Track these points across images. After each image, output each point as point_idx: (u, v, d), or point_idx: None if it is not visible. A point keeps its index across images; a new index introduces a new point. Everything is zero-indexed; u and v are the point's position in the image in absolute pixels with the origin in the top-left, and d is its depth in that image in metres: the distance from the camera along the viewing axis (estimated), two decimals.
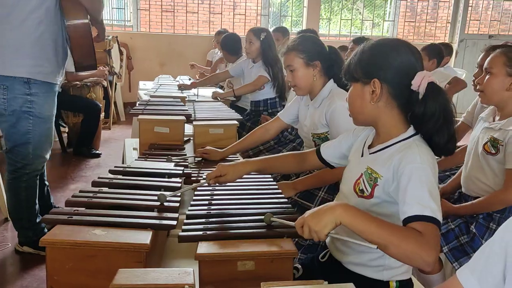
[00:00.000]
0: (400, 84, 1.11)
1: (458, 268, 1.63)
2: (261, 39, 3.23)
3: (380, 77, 1.11)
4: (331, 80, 1.90)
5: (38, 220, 2.36)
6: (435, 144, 1.10)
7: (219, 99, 3.41)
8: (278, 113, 2.19)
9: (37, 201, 2.38)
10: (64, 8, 2.13)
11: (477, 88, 1.75)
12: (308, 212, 1.02)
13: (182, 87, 3.61)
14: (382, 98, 1.12)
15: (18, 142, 2.18)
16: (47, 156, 2.36)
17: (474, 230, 1.71)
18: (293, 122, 2.15)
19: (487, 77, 1.72)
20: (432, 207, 0.98)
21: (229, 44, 3.89)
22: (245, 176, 1.49)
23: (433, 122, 1.07)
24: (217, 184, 1.42)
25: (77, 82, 4.00)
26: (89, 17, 2.21)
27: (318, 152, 1.43)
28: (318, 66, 1.88)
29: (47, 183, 2.63)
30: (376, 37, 1.48)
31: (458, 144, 2.47)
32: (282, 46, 2.08)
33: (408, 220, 0.99)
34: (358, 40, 3.41)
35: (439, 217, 0.98)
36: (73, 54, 2.17)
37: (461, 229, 1.74)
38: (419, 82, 1.09)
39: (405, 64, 1.11)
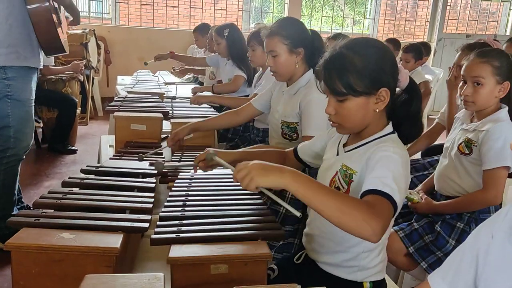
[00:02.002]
0: (394, 85, 1.13)
1: (426, 267, 1.67)
2: (225, 36, 3.17)
3: (387, 84, 1.10)
4: (311, 70, 1.86)
5: (14, 212, 2.31)
6: (403, 131, 1.16)
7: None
8: (251, 100, 2.16)
9: (15, 192, 2.36)
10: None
11: (465, 99, 1.74)
12: (256, 162, 0.99)
13: (158, 57, 3.59)
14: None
15: None
16: (30, 142, 2.38)
17: (438, 229, 1.75)
18: (265, 109, 2.10)
19: (473, 87, 1.69)
20: (392, 187, 0.97)
21: (204, 27, 3.83)
22: (220, 177, 1.47)
23: (413, 119, 1.14)
24: (193, 185, 1.41)
25: (52, 76, 3.90)
26: (51, 1, 2.24)
27: (295, 151, 1.42)
28: (301, 54, 1.83)
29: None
30: (354, 36, 1.42)
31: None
32: (265, 29, 1.97)
33: (364, 194, 0.99)
34: (336, 37, 3.40)
35: (397, 200, 0.97)
36: (38, 38, 2.22)
37: (425, 229, 1.78)
38: (404, 78, 1.13)
39: (395, 63, 1.13)
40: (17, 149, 2.30)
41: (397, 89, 1.17)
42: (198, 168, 1.34)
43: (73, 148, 4.07)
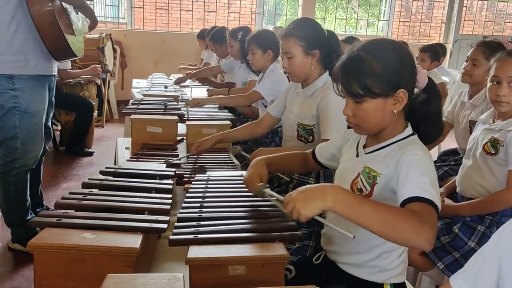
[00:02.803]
0: (412, 86, 1.13)
1: (442, 267, 1.66)
2: (239, 38, 3.19)
3: (404, 86, 1.10)
4: (327, 72, 1.85)
5: (29, 217, 2.35)
6: (423, 131, 1.16)
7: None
8: (267, 109, 2.16)
9: (28, 198, 2.37)
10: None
11: (500, 100, 1.72)
12: (298, 190, 0.99)
13: (178, 81, 3.63)
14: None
15: (6, 136, 2.18)
16: (39, 152, 2.34)
17: (457, 231, 1.73)
18: (282, 114, 2.09)
19: (509, 87, 1.68)
20: (432, 193, 0.97)
21: (219, 36, 3.86)
22: (236, 178, 1.50)
23: (432, 119, 1.15)
24: (210, 187, 1.43)
25: (70, 80, 3.97)
26: (57, 2, 2.17)
27: (313, 153, 1.43)
28: (317, 55, 1.82)
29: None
30: (365, 38, 1.41)
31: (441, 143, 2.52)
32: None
33: (406, 202, 0.98)
34: (348, 40, 3.39)
35: (438, 204, 0.97)
36: (45, 42, 2.13)
37: (442, 230, 1.76)
38: (423, 78, 1.13)
39: (413, 64, 1.14)
40: (25, 160, 2.26)
41: (416, 89, 1.17)
42: None
43: (90, 150, 4.13)
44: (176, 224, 1.17)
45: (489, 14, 7.41)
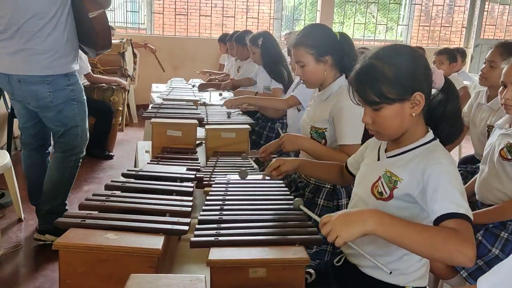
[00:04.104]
0: (428, 88, 1.13)
1: (466, 275, 1.63)
2: (260, 45, 3.21)
3: (420, 88, 1.10)
4: (343, 76, 1.84)
5: (66, 207, 2.59)
6: (442, 131, 1.16)
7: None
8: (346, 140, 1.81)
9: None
10: (86, 3, 2.38)
11: (506, 103, 1.70)
12: (338, 213, 1.01)
13: (224, 86, 3.77)
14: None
15: (69, 125, 2.47)
16: (88, 139, 2.64)
17: (480, 238, 1.70)
18: None
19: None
20: (465, 206, 1.00)
21: (243, 37, 3.88)
22: (256, 182, 1.50)
23: (451, 119, 1.15)
24: (229, 190, 1.45)
25: (103, 85, 4.09)
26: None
27: (346, 165, 1.47)
28: (329, 61, 1.81)
29: None
30: (374, 47, 1.39)
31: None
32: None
33: (441, 219, 0.99)
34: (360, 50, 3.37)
35: (471, 216, 0.99)
36: (99, 41, 2.44)
37: None
38: (439, 78, 1.14)
39: (427, 66, 1.14)
40: (82, 147, 2.58)
41: (434, 90, 1.17)
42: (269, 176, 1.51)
43: (110, 154, 4.19)
44: (197, 226, 1.18)
45: (510, 18, 7.28)
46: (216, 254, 1.03)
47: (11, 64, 2.33)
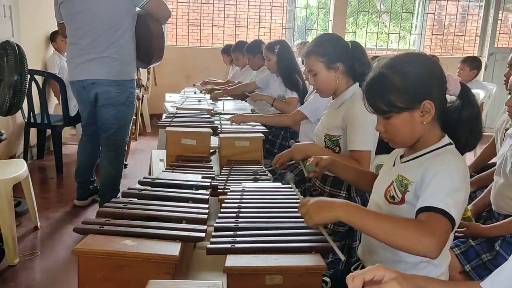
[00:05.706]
0: (440, 94, 1.14)
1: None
2: (276, 52, 3.23)
3: (429, 96, 1.11)
4: (356, 84, 1.86)
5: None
6: (460, 138, 1.17)
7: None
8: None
9: None
10: (150, 22, 2.84)
11: (510, 111, 1.70)
12: (314, 199, 1.11)
13: (214, 96, 3.80)
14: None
15: (125, 122, 2.98)
16: None
17: (497, 248, 1.67)
18: None
19: None
20: (446, 201, 1.00)
21: (254, 47, 3.91)
22: (271, 190, 1.52)
23: (468, 125, 1.15)
24: (245, 197, 1.45)
25: None
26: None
27: (374, 175, 1.46)
28: (340, 68, 1.84)
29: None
30: (385, 56, 1.40)
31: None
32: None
33: (419, 211, 1.03)
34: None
35: (453, 214, 1.00)
36: (156, 53, 2.97)
37: (483, 247, 1.69)
38: (454, 85, 1.14)
39: (438, 74, 1.15)
40: (126, 141, 3.08)
41: (452, 97, 1.18)
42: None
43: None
44: (214, 233, 1.19)
45: None
46: (233, 261, 1.04)
47: (87, 70, 2.79)
